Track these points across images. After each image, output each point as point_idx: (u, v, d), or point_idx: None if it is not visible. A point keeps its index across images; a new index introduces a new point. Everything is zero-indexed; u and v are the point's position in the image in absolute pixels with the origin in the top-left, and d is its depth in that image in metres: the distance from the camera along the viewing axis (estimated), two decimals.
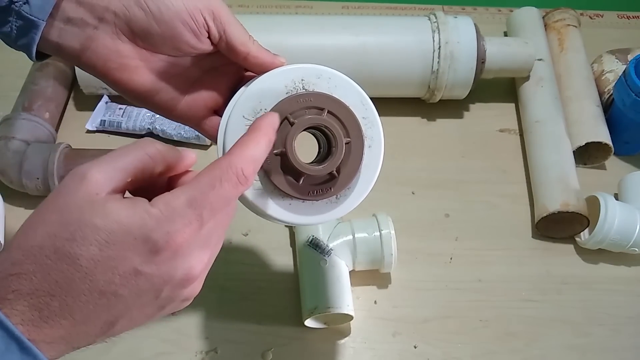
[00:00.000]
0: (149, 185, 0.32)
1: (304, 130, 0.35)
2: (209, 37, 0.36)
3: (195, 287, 0.30)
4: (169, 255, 0.27)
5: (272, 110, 0.35)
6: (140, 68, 0.36)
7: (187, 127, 0.65)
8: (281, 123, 0.34)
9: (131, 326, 0.29)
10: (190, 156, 0.33)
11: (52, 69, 0.68)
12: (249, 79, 0.37)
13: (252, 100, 0.35)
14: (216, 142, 0.37)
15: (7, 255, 0.27)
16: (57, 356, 0.27)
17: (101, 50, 0.35)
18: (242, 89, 0.37)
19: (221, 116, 0.37)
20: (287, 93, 0.35)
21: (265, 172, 0.35)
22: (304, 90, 0.36)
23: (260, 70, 0.37)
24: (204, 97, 0.39)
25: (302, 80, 0.36)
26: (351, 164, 0.36)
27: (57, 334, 0.27)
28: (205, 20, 0.35)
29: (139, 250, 0.27)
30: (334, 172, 0.35)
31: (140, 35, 0.35)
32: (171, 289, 0.28)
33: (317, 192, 0.36)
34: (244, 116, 0.35)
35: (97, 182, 0.28)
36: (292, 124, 0.34)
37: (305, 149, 0.38)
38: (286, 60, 0.37)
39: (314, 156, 0.38)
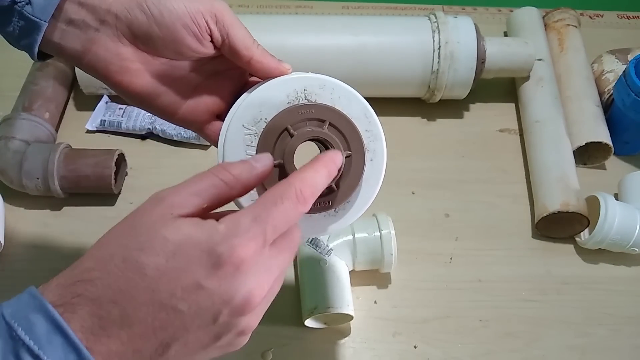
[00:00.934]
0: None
1: (306, 140, 0.34)
2: (211, 41, 0.36)
3: (253, 319, 0.30)
4: (231, 270, 0.27)
5: (273, 120, 0.34)
6: (141, 71, 0.36)
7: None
8: (281, 134, 0.34)
9: (185, 354, 0.28)
10: (266, 163, 0.32)
11: (52, 69, 0.68)
12: (253, 85, 0.37)
13: (252, 109, 0.35)
14: (217, 148, 0.36)
15: (80, 263, 0.28)
16: None
17: (102, 52, 0.35)
18: (243, 96, 0.36)
19: (223, 121, 0.36)
20: (288, 103, 0.35)
21: (262, 183, 0.34)
22: (306, 101, 0.35)
23: (264, 75, 0.36)
24: (206, 102, 0.39)
25: (304, 90, 0.35)
26: (351, 178, 0.35)
27: (113, 347, 0.26)
28: (207, 23, 0.35)
29: (203, 263, 0.27)
30: (333, 185, 0.34)
31: (141, 39, 0.35)
32: (229, 313, 0.28)
33: (315, 205, 0.35)
34: (243, 125, 0.35)
35: (172, 204, 0.29)
36: (292, 136, 0.34)
37: (306, 157, 0.37)
38: (291, 67, 0.37)
39: None
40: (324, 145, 0.35)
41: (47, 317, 0.25)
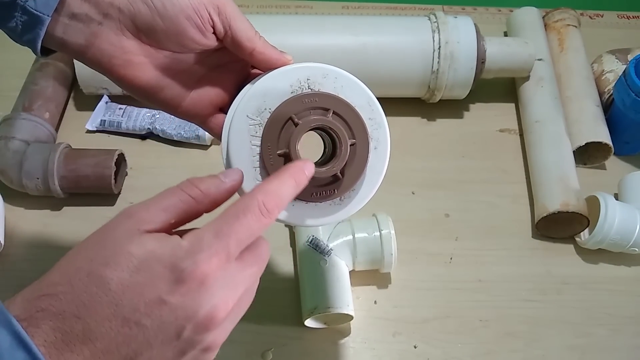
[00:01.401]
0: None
1: (310, 130, 0.34)
2: (214, 33, 0.36)
3: (219, 335, 0.30)
4: (194, 286, 0.27)
5: (277, 110, 0.34)
6: (144, 64, 0.36)
7: (187, 128, 0.65)
8: (285, 123, 0.34)
9: None
10: (235, 179, 0.32)
11: (52, 68, 0.68)
12: (255, 77, 0.37)
13: (256, 99, 0.35)
14: (221, 141, 0.36)
15: (47, 276, 0.28)
16: None
17: (106, 46, 0.35)
18: (247, 87, 0.36)
19: (226, 114, 0.36)
20: (292, 93, 0.35)
21: (268, 173, 0.34)
22: (310, 90, 0.35)
23: (267, 67, 0.37)
24: (210, 94, 0.39)
25: (307, 79, 0.35)
26: (356, 166, 0.35)
27: None
28: (210, 15, 0.35)
29: (166, 279, 0.27)
30: (338, 174, 0.35)
31: (144, 31, 0.35)
32: (193, 329, 0.28)
33: (320, 194, 0.36)
34: (247, 115, 0.35)
35: (140, 219, 0.29)
36: (296, 125, 0.34)
37: (311, 147, 0.37)
38: (292, 58, 0.37)
39: (319, 156, 0.38)
40: (328, 134, 0.35)
41: (11, 331, 0.25)
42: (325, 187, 0.35)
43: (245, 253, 0.30)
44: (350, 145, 0.35)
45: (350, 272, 0.55)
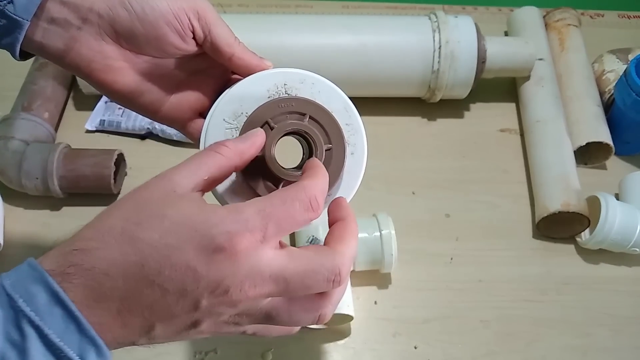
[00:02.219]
0: None
1: (287, 134, 0.34)
2: (194, 38, 0.36)
3: (236, 324, 0.29)
4: (222, 258, 0.27)
5: (253, 114, 0.34)
6: (124, 69, 0.36)
7: None
8: (261, 127, 0.34)
9: (167, 335, 0.29)
10: (258, 132, 0.33)
11: (51, 68, 0.67)
12: (235, 82, 0.37)
13: (233, 103, 0.35)
14: (199, 146, 0.36)
15: (81, 232, 0.28)
16: (106, 344, 0.27)
17: (85, 50, 0.35)
18: (225, 92, 0.36)
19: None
20: (269, 97, 0.35)
21: (243, 176, 0.34)
22: (287, 95, 0.35)
23: (245, 72, 0.37)
24: (189, 99, 0.39)
25: (284, 84, 0.35)
26: (332, 171, 0.35)
27: (104, 320, 0.27)
28: (190, 20, 0.35)
29: (196, 245, 0.27)
30: None
31: (124, 36, 0.35)
32: (211, 301, 0.27)
33: None
34: (224, 119, 0.35)
35: (175, 182, 0.29)
36: (272, 129, 0.34)
37: (290, 153, 0.37)
38: (272, 64, 0.37)
39: (299, 161, 0.38)
40: (304, 138, 0.35)
41: (47, 288, 0.26)
42: None
43: (283, 233, 0.29)
44: (326, 150, 0.34)
45: (350, 272, 0.55)
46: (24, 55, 0.36)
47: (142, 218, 0.27)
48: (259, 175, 0.34)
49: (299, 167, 0.36)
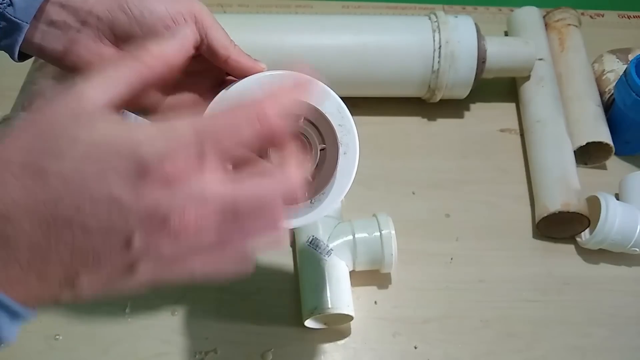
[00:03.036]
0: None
1: None
2: None
3: (177, 251, 0.23)
4: (154, 182, 0.22)
5: None
6: None
7: None
8: None
9: (96, 285, 0.24)
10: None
11: (51, 68, 0.67)
12: (230, 83, 0.38)
13: (229, 101, 0.36)
14: None
15: None
16: (21, 303, 0.23)
17: (84, 53, 0.35)
18: (221, 93, 0.37)
19: None
20: None
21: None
22: None
23: (241, 74, 0.37)
24: (186, 100, 0.39)
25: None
26: (326, 170, 0.36)
27: (12, 272, 0.22)
28: (187, 24, 0.35)
29: (120, 169, 0.22)
30: (309, 177, 0.35)
31: (122, 39, 0.35)
32: (146, 235, 0.23)
33: None
34: None
35: (86, 97, 0.24)
36: None
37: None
38: (266, 66, 0.38)
39: None
40: (299, 139, 0.36)
41: None
42: None
43: (239, 171, 0.24)
44: (320, 150, 0.35)
45: (350, 272, 0.55)
46: (22, 57, 0.36)
47: (49, 145, 0.22)
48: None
49: None
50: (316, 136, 0.35)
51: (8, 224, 0.22)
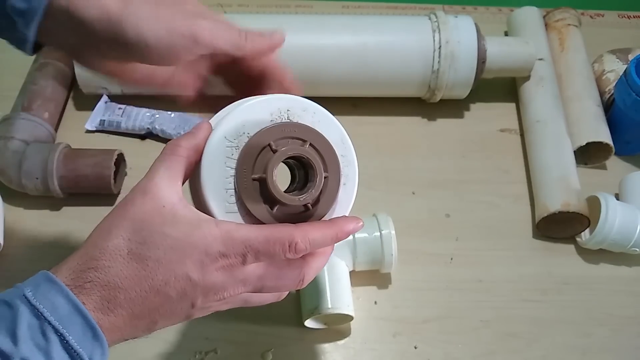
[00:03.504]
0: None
1: (288, 158, 0.34)
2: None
3: (221, 307, 0.35)
4: (214, 269, 0.32)
5: (256, 135, 0.34)
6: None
7: (186, 127, 0.65)
8: (263, 149, 0.34)
9: (165, 326, 0.34)
10: (205, 126, 0.36)
11: (51, 68, 0.67)
12: (239, 100, 0.38)
13: (235, 122, 0.35)
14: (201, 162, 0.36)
15: (85, 251, 0.32)
16: (111, 344, 0.32)
17: (92, 60, 0.39)
18: (228, 107, 0.37)
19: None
20: (271, 120, 0.35)
21: (240, 196, 0.34)
22: (289, 121, 0.36)
23: (263, 57, 0.41)
24: (199, 69, 0.42)
25: (287, 110, 0.36)
26: (326, 199, 0.36)
27: (116, 324, 0.31)
28: (192, 50, 0.36)
29: (194, 258, 0.32)
30: (309, 204, 0.35)
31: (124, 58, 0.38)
32: (204, 300, 0.33)
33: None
34: (225, 137, 0.35)
35: (160, 197, 0.33)
36: (274, 152, 0.34)
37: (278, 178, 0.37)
38: (283, 34, 0.40)
39: (286, 187, 0.38)
40: (302, 164, 0.35)
41: (68, 300, 0.30)
42: (294, 216, 0.35)
43: (261, 262, 0.34)
44: (324, 178, 0.35)
45: (350, 272, 0.55)
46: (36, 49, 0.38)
47: (145, 237, 0.31)
48: (256, 196, 0.34)
49: (291, 192, 0.37)
50: (321, 163, 0.35)
51: (121, 291, 0.31)
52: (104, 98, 0.69)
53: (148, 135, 0.67)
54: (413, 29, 0.66)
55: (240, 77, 0.42)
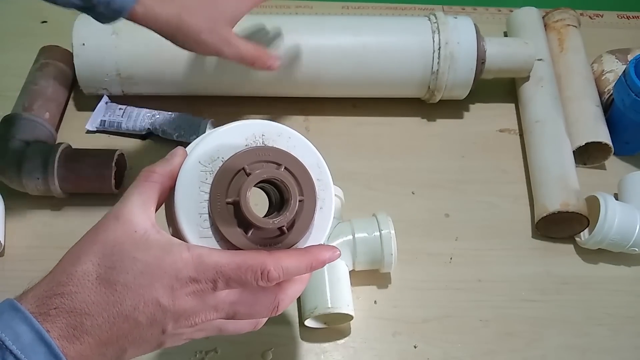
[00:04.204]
0: None
1: (261, 181, 0.34)
2: None
3: (194, 335, 0.34)
4: (184, 295, 0.31)
5: (230, 159, 0.34)
6: None
7: (186, 127, 0.65)
8: (237, 173, 0.34)
9: (136, 355, 0.33)
10: (179, 153, 0.36)
11: (52, 68, 0.68)
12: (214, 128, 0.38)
13: (210, 146, 0.35)
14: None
15: (53, 277, 0.31)
16: None
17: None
18: (203, 135, 0.37)
19: None
20: (246, 145, 0.35)
21: (214, 221, 0.34)
22: (264, 145, 0.36)
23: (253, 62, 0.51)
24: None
25: (262, 135, 0.36)
26: (302, 223, 0.35)
27: (82, 352, 0.30)
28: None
29: (164, 284, 0.31)
30: (284, 228, 0.34)
31: None
32: (175, 326, 0.32)
33: (264, 247, 0.35)
34: (200, 162, 0.35)
35: (133, 223, 0.32)
36: (248, 175, 0.34)
37: (256, 205, 0.37)
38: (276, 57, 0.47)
39: (263, 213, 0.38)
40: (277, 188, 0.35)
41: (32, 328, 0.29)
42: (270, 240, 0.35)
43: (231, 288, 0.33)
44: (299, 201, 0.35)
45: (350, 272, 0.55)
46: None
47: (115, 262, 0.31)
48: (230, 220, 0.34)
49: (267, 216, 0.36)
50: (296, 187, 0.35)
51: (87, 317, 0.30)
52: (105, 98, 0.69)
53: (148, 135, 0.67)
54: (413, 30, 0.66)
55: None
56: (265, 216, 0.36)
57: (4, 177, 0.59)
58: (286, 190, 0.34)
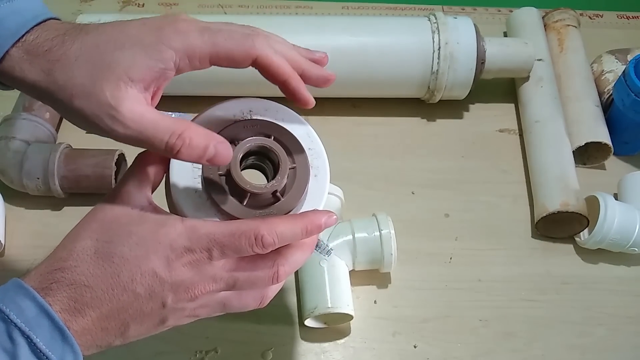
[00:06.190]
0: None
1: (251, 149, 0.34)
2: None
3: (198, 312, 0.34)
4: (180, 265, 0.32)
5: (219, 133, 0.34)
6: None
7: None
8: None
9: (140, 333, 0.33)
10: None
11: None
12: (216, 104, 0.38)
13: (200, 124, 0.35)
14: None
15: (54, 254, 0.32)
16: (84, 350, 0.32)
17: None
18: (194, 117, 0.37)
19: None
20: (235, 121, 0.36)
21: (209, 195, 0.34)
22: (252, 118, 0.37)
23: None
24: None
25: (250, 111, 0.37)
26: (296, 189, 0.35)
27: (85, 326, 0.31)
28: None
29: (160, 254, 0.32)
30: (278, 193, 0.35)
31: None
32: (174, 299, 0.32)
33: (260, 215, 0.35)
34: None
35: (129, 200, 0.34)
36: (237, 145, 0.35)
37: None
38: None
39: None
40: (269, 159, 0.36)
41: (35, 302, 0.30)
42: (265, 209, 0.35)
43: (227, 257, 0.33)
44: (290, 168, 0.35)
45: (350, 272, 0.55)
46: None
47: (112, 236, 0.32)
48: (224, 192, 0.34)
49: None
50: (287, 156, 0.35)
51: (87, 290, 0.31)
52: None
53: None
54: (412, 30, 0.66)
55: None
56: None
57: (4, 177, 0.59)
58: (275, 156, 0.35)
